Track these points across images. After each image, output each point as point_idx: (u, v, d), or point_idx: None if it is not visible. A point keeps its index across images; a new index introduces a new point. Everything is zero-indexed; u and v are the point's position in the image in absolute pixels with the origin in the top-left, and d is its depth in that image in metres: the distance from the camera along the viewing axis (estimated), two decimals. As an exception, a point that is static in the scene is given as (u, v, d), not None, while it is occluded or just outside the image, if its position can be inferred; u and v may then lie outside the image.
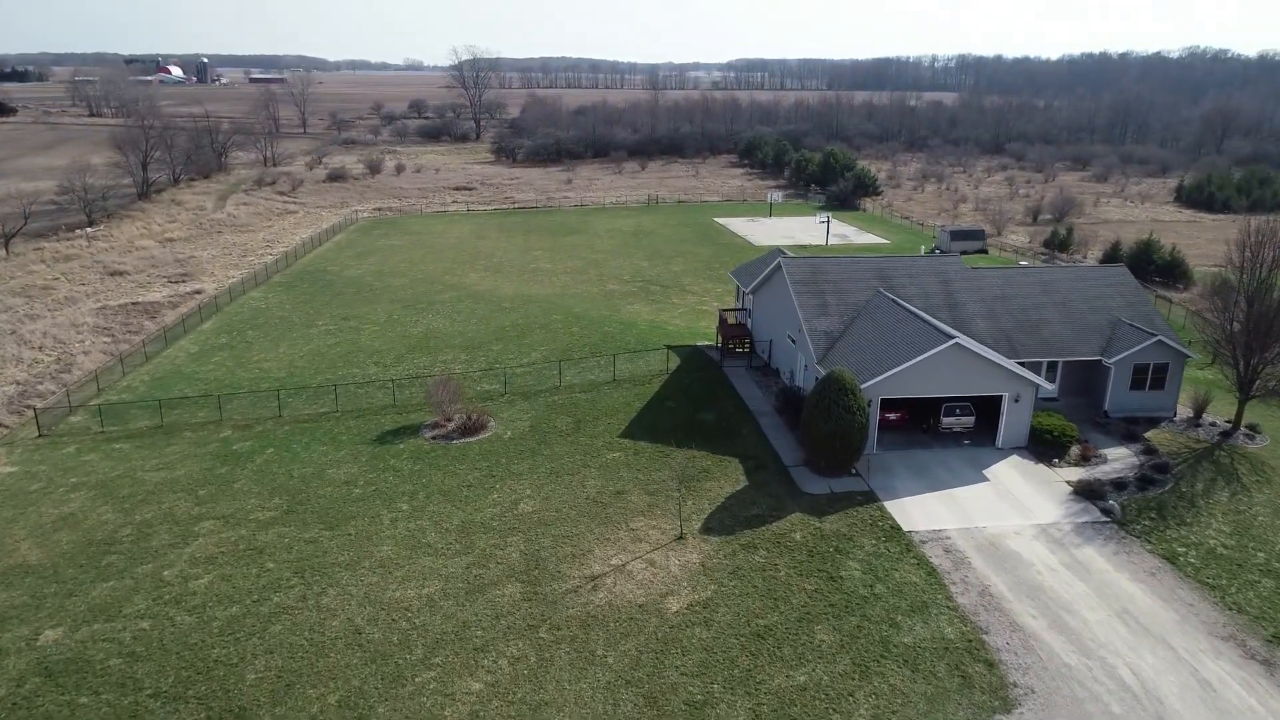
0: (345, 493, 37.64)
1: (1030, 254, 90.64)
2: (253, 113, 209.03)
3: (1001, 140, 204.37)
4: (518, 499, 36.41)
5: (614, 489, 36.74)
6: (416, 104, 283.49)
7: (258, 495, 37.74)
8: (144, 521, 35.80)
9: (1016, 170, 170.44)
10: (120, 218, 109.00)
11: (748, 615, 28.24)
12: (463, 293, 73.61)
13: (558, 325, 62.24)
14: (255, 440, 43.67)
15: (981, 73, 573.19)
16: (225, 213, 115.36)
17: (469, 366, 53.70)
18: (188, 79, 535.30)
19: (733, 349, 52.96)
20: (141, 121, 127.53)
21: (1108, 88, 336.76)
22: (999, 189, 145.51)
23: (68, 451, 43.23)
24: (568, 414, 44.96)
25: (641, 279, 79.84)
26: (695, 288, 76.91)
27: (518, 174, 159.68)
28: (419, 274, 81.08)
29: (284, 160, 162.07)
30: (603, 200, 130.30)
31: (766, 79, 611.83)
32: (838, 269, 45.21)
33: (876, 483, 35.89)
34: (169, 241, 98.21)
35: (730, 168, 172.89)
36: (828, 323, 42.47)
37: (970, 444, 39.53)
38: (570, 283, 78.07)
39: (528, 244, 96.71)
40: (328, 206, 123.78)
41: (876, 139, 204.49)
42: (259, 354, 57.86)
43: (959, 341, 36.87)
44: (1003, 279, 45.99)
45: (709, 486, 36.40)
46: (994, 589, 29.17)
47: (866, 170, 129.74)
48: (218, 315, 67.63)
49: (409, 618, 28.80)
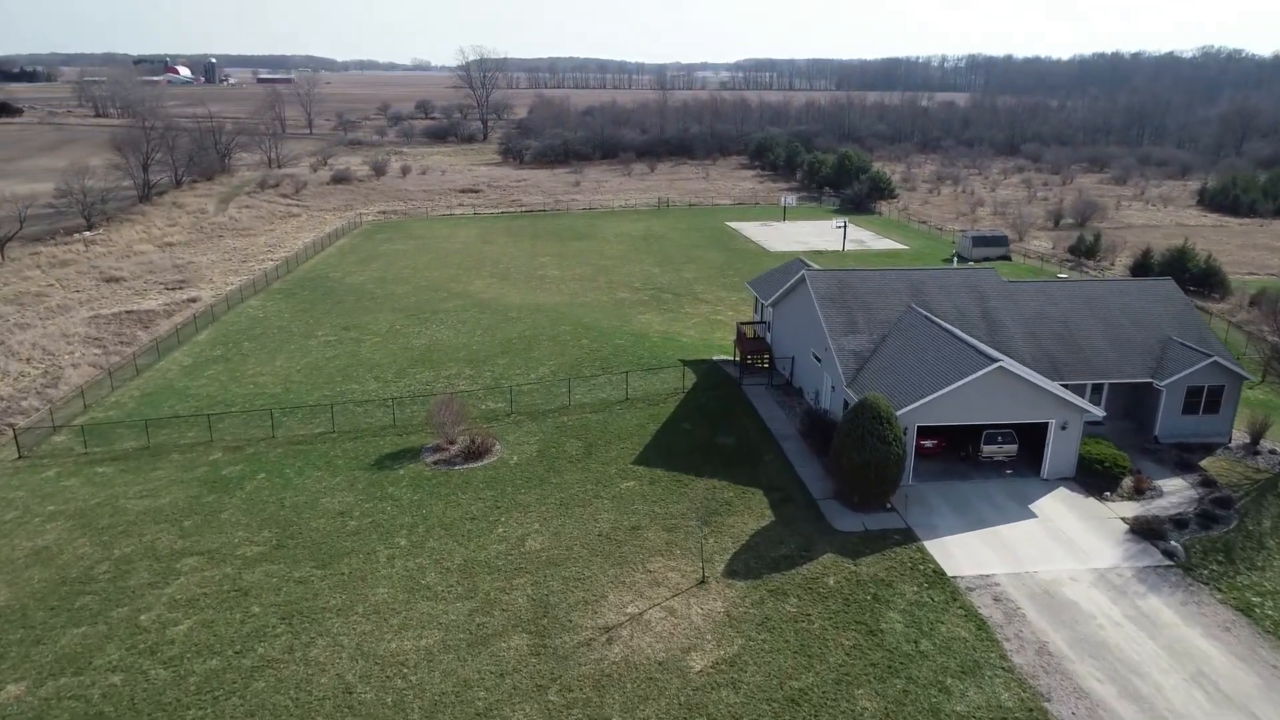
0: (339, 525, 34.97)
1: (1055, 260, 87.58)
2: (257, 113, 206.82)
3: (1016, 141, 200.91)
4: (525, 534, 33.69)
5: (629, 524, 33.98)
6: (423, 104, 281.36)
7: (246, 527, 35.11)
8: (123, 557, 33.19)
9: (1033, 172, 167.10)
10: (120, 221, 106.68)
11: (780, 676, 25.46)
12: (468, 301, 70.95)
13: (566, 337, 59.52)
14: (246, 464, 41.05)
15: (992, 73, 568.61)
16: (227, 216, 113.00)
17: (473, 383, 51.02)
18: (196, 79, 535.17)
19: (752, 365, 50.21)
20: (142, 122, 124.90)
21: (1120, 88, 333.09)
22: (1016, 192, 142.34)
23: (47, 476, 40.67)
24: (578, 437, 42.21)
25: (653, 286, 77.06)
26: (709, 296, 74.11)
27: (525, 176, 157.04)
28: (423, 281, 78.45)
29: (289, 161, 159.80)
30: (611, 203, 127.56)
31: (775, 79, 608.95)
32: (866, 283, 42.37)
33: (914, 519, 33.05)
34: (168, 246, 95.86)
35: (741, 169, 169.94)
36: (857, 341, 39.63)
37: (1012, 474, 36.67)
38: (579, 291, 75.34)
39: (535, 249, 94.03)
40: (332, 209, 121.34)
41: (889, 140, 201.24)
42: (254, 367, 55.26)
43: (1003, 365, 34.02)
44: (1042, 294, 43.09)
45: (731, 522, 33.61)
46: (1052, 646, 26.32)
47: (882, 173, 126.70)
48: (214, 325, 65.08)
49: (405, 675, 26.11)
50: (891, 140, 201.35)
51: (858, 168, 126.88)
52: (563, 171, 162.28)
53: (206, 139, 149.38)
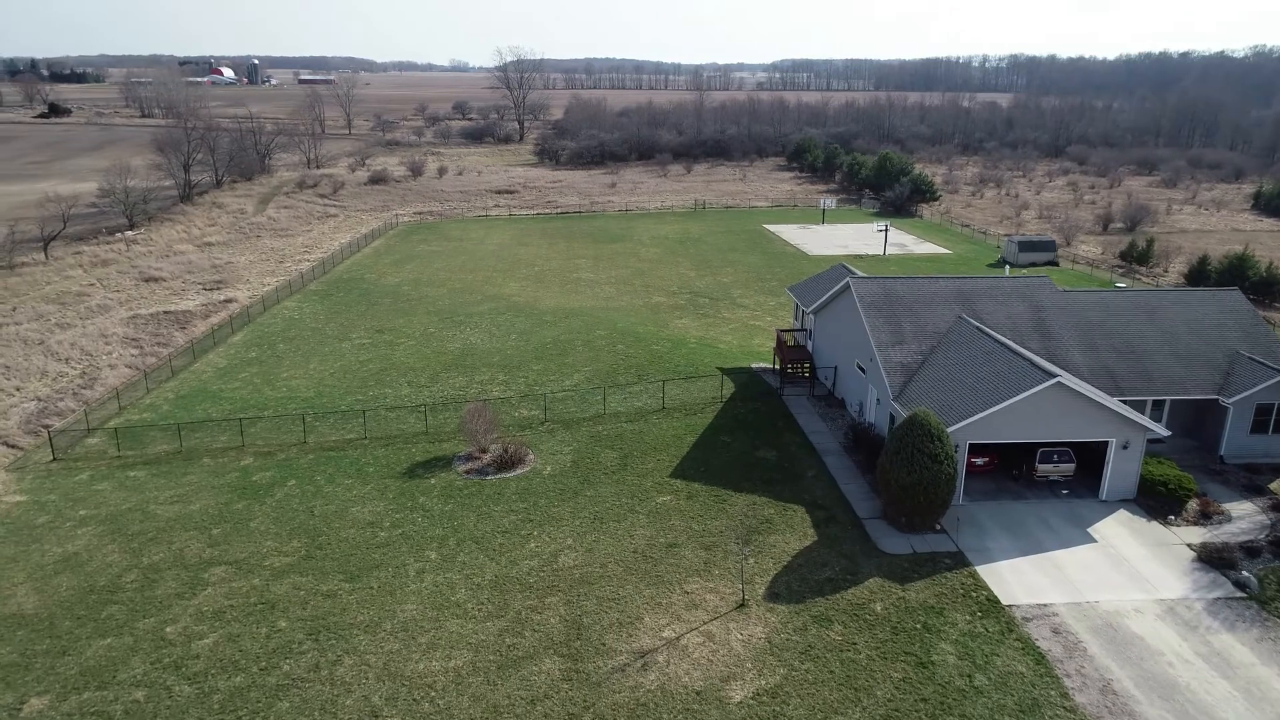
0: (369, 536, 34.22)
1: (1105, 267, 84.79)
2: (296, 114, 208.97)
3: (1061, 143, 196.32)
4: (558, 549, 32.65)
5: (665, 540, 32.80)
6: (460, 105, 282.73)
7: (275, 536, 34.50)
8: (151, 565, 32.73)
9: (1079, 174, 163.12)
10: (161, 220, 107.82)
11: (825, 710, 24.12)
12: (502, 304, 70.25)
13: (601, 342, 58.49)
14: (277, 470, 40.54)
15: (1034, 73, 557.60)
16: (266, 216, 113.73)
17: (507, 389, 50.17)
18: (239, 80, 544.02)
19: (792, 374, 48.77)
20: (184, 123, 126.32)
21: (1168, 88, 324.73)
22: (1062, 195, 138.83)
23: (80, 479, 40.49)
24: (613, 447, 41.12)
25: (689, 291, 75.80)
26: (746, 301, 72.67)
27: (561, 177, 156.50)
28: (457, 283, 77.95)
29: (327, 162, 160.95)
30: (647, 205, 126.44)
31: (813, 79, 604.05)
32: (914, 291, 40.76)
33: (966, 541, 31.47)
34: (207, 246, 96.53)
35: (778, 171, 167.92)
36: (904, 352, 38.07)
37: (1068, 494, 34.90)
38: (614, 294, 74.31)
39: (570, 251, 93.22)
40: (368, 210, 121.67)
41: (930, 141, 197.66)
42: (288, 370, 54.95)
43: (1061, 380, 32.30)
44: (1100, 304, 41.15)
45: (773, 541, 32.28)
46: (1118, 685, 24.66)
47: (924, 175, 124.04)
48: (249, 326, 65.02)
49: (432, 698, 25.17)
50: (932, 142, 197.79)
51: (898, 170, 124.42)
52: (599, 173, 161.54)
53: (246, 139, 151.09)
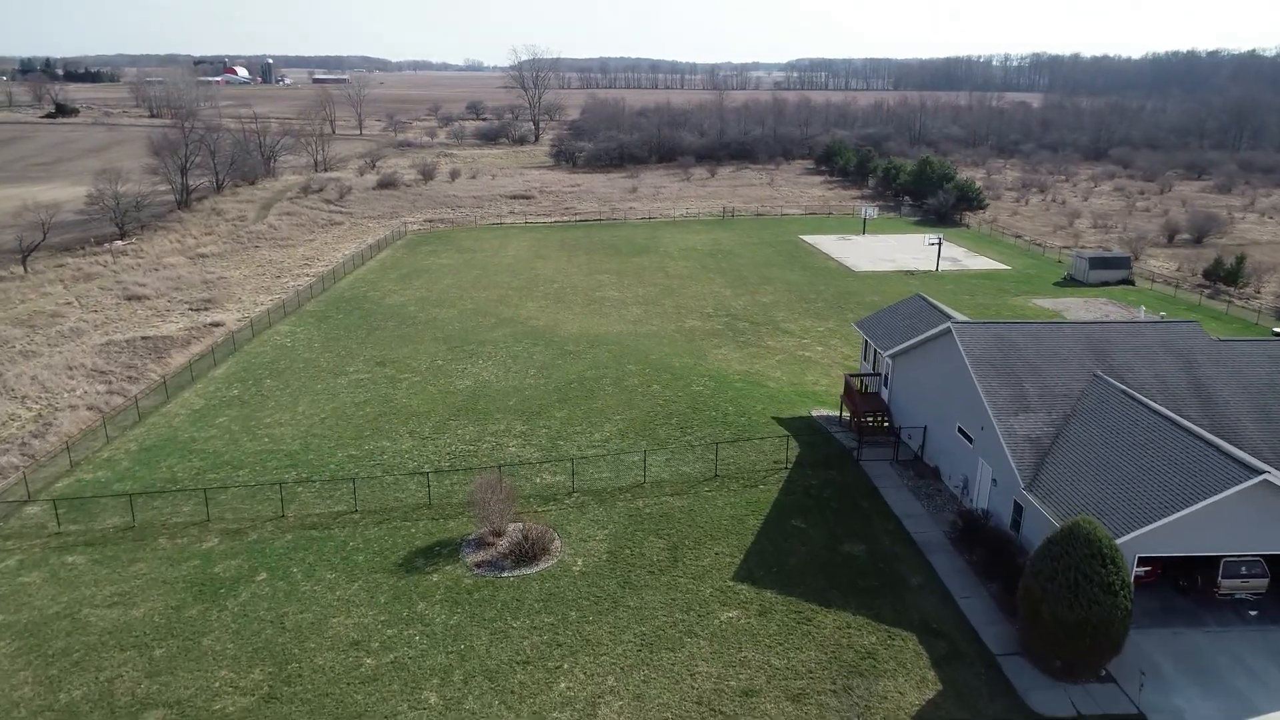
0: (352, 664, 26.59)
1: (1188, 286, 76.31)
2: (304, 114, 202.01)
3: (1101, 145, 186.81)
4: (596, 694, 24.91)
5: (738, 684, 25.00)
6: (474, 105, 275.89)
7: (233, 661, 26.93)
8: (69, 707, 25.20)
9: (1123, 179, 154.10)
10: (154, 229, 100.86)
11: None
12: (519, 329, 62.64)
13: (633, 380, 50.74)
14: (245, 557, 32.99)
15: (1056, 72, 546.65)
16: (266, 224, 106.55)
17: (525, 443, 42.48)
18: (254, 79, 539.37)
19: (869, 425, 40.88)
20: (181, 124, 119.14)
21: (1199, 88, 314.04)
22: (1111, 201, 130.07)
23: (6, 566, 33.07)
24: (658, 533, 33.35)
25: (726, 313, 67.95)
26: (791, 325, 64.74)
27: (579, 180, 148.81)
28: (469, 303, 70.38)
29: (335, 165, 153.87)
30: (671, 212, 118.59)
31: (830, 79, 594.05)
32: (1035, 342, 32.80)
33: (1150, 701, 23.45)
34: (200, 258, 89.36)
35: (807, 175, 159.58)
36: (1030, 423, 30.12)
37: (1258, 615, 26.90)
38: (643, 316, 66.58)
39: (592, 265, 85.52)
40: (376, 217, 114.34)
41: (964, 144, 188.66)
42: (273, 413, 47.46)
43: (1269, 478, 24.29)
44: (1268, 359, 33.06)
45: (881, 689, 24.42)
46: None
47: (970, 181, 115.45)
48: (235, 356, 57.61)
49: None
50: (966, 144, 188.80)
51: (940, 175, 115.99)
52: (618, 176, 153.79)
53: (251, 142, 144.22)
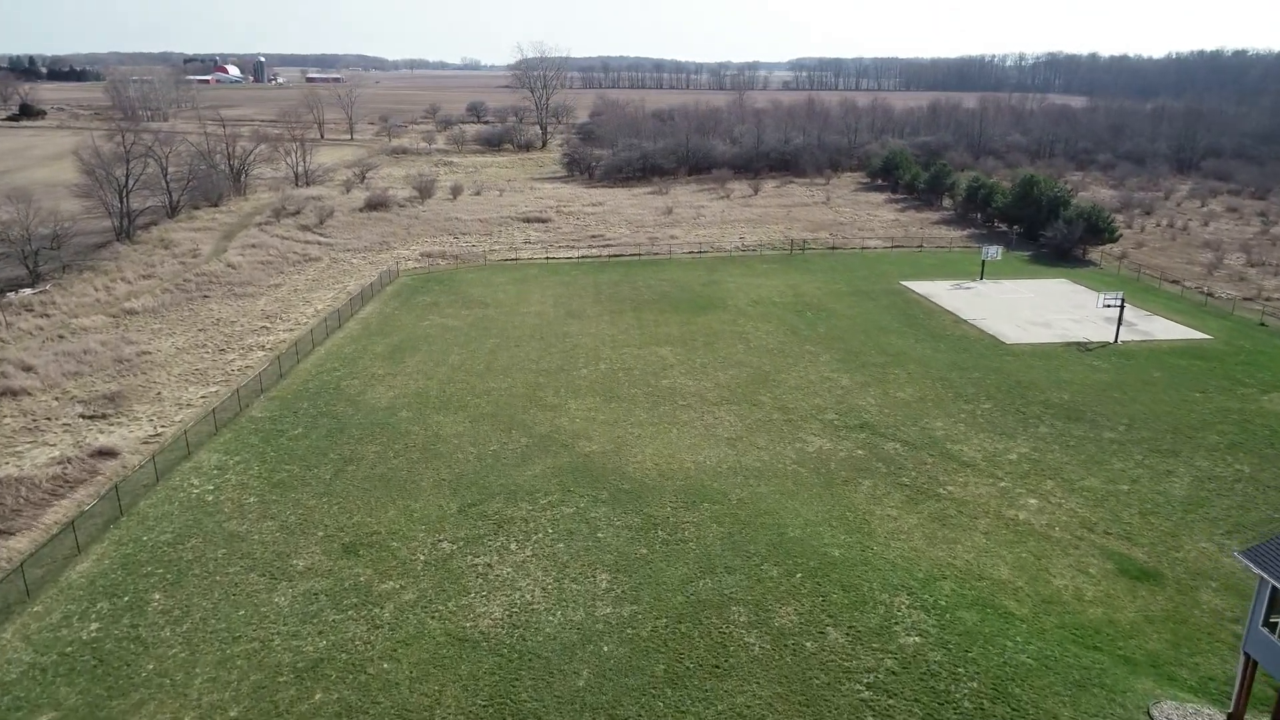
0: None
1: None
2: (286, 117, 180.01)
3: (1185, 155, 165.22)
4: None
5: None
6: (475, 107, 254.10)
7: None
8: None
9: (1226, 195, 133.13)
10: (80, 270, 79.46)
11: None
12: (565, 462, 41.44)
13: (773, 594, 29.48)
14: None
15: (1074, 72, 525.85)
16: (223, 261, 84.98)
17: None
18: (246, 78, 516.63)
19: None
20: (120, 134, 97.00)
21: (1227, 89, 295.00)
22: (1237, 226, 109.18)
23: None
24: None
25: (860, 423, 46.75)
26: (966, 447, 43.53)
27: (600, 197, 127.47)
28: (485, 404, 49.11)
29: (318, 178, 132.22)
30: (721, 241, 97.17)
31: (840, 79, 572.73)
32: None
33: None
34: (127, 316, 67.94)
35: (864, 191, 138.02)
36: None
37: None
38: (742, 431, 45.40)
39: (643, 327, 64.26)
40: (362, 249, 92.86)
41: (1029, 153, 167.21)
42: (140, 702, 26.11)
43: None
44: None
45: None
46: None
47: (1100, 209, 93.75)
48: (114, 531, 36.12)
49: None
50: (1034, 154, 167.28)
51: (1053, 198, 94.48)
52: (644, 192, 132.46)
53: (217, 152, 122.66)
